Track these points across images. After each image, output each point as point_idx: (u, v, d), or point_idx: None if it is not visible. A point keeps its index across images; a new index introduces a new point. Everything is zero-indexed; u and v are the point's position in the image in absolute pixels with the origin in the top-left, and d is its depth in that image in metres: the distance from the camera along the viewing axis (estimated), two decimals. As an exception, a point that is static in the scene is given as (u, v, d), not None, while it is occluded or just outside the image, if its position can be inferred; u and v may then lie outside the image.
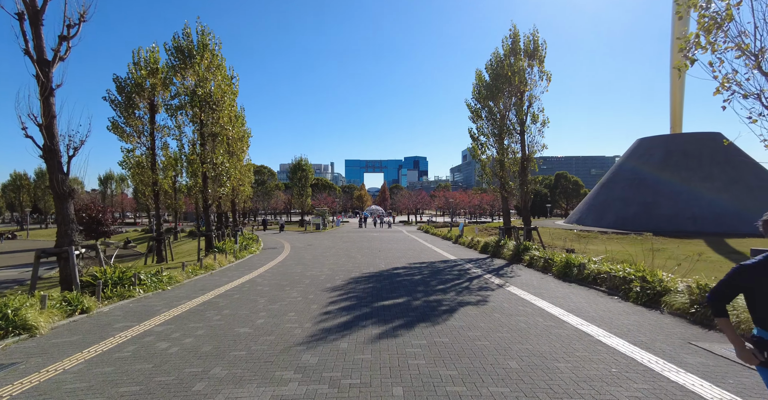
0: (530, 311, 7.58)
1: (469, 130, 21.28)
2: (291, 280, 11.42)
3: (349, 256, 17.76)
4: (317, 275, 12.33)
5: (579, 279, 10.88)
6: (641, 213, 26.21)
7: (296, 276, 12.14)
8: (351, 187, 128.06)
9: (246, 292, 9.65)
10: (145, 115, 17.89)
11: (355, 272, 12.91)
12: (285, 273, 12.83)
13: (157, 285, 9.84)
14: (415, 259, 16.61)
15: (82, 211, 35.24)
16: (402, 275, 12.10)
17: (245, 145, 27.37)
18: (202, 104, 16.99)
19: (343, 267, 14.03)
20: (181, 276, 11.41)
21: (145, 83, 17.24)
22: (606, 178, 31.66)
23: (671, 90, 30.67)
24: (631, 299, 8.31)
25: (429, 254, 18.46)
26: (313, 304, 8.20)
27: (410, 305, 8.01)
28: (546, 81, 17.47)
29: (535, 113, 17.36)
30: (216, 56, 17.65)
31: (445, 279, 11.39)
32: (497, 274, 12.53)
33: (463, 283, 10.78)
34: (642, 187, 27.66)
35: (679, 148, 28.15)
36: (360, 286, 10.28)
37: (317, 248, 22.36)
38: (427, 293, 9.24)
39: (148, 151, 17.81)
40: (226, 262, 15.51)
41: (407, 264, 14.82)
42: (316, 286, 10.34)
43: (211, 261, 14.19)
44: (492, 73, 19.08)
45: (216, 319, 7.08)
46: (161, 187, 18.57)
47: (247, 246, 20.08)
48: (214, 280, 11.70)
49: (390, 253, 18.98)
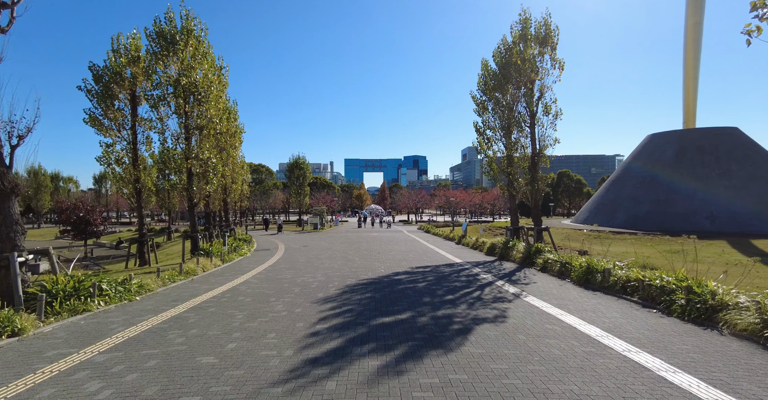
0: (560, 330, 6.29)
1: (475, 124, 19.96)
2: (279, 288, 10.12)
3: (346, 259, 16.47)
4: (309, 282, 11.03)
5: (604, 287, 9.60)
6: (654, 212, 24.91)
7: (285, 283, 10.84)
8: (350, 186, 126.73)
9: (224, 304, 8.35)
10: (126, 108, 16.56)
11: (351, 278, 11.62)
12: (273, 279, 11.53)
13: (123, 296, 8.54)
14: (418, 262, 15.32)
15: (70, 210, 33.97)
16: (404, 282, 10.80)
17: (237, 141, 26.11)
18: (186, 95, 15.67)
19: (338, 272, 12.74)
20: (154, 284, 10.10)
21: (125, 72, 15.91)
22: (615, 176, 30.34)
23: (684, 84, 29.34)
24: (676, 314, 7.01)
25: (432, 257, 17.17)
26: (300, 321, 6.90)
27: (416, 323, 6.71)
28: (559, 70, 16.16)
29: (548, 104, 16.06)
30: (202, 43, 16.32)
31: (452, 287, 10.09)
32: (510, 280, 11.24)
33: (474, 291, 9.49)
34: (654, 185, 26.35)
35: (693, 143, 26.83)
36: (356, 296, 8.98)
37: (312, 249, 21.06)
38: (435, 306, 7.95)
39: (129, 146, 16.48)
40: (211, 266, 14.20)
41: (409, 269, 13.53)
42: (306, 296, 9.04)
43: (193, 266, 12.88)
44: (500, 61, 17.77)
45: (178, 342, 5.78)
46: (144, 185, 17.25)
47: (237, 248, 18.77)
48: (192, 288, 10.39)
49: (390, 255, 17.69)
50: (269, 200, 74.84)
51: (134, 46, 16.19)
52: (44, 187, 65.87)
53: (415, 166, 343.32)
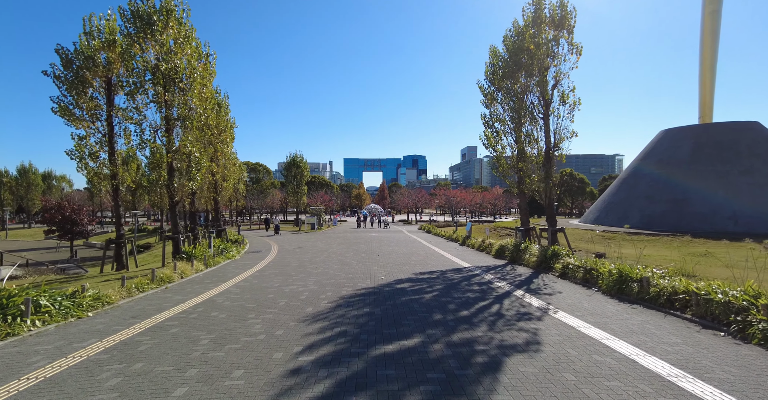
0: (616, 365, 4.83)
1: (482, 116, 18.52)
2: (261, 300, 8.65)
3: (342, 262, 15.00)
4: (298, 291, 9.55)
5: (643, 299, 8.15)
6: (671, 212, 23.46)
7: (271, 293, 9.36)
8: (349, 185, 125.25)
9: (191, 322, 6.87)
10: (101, 97, 15.05)
11: (347, 286, 10.14)
12: (258, 288, 10.06)
13: (70, 312, 7.05)
14: (422, 266, 13.85)
15: (54, 210, 32.44)
16: (408, 293, 9.33)
17: (228, 136, 24.60)
18: (166, 82, 14.17)
19: (333, 279, 11.26)
20: (117, 294, 8.62)
21: (98, 57, 14.39)
22: (626, 174, 28.87)
23: (701, 77, 27.89)
24: (756, 341, 5.55)
25: (436, 260, 15.71)
26: (279, 349, 5.43)
27: (427, 354, 5.24)
28: (576, 55, 14.69)
29: (565, 93, 14.58)
30: (183, 26, 14.82)
31: (465, 299, 8.62)
32: (529, 289, 9.78)
33: (492, 305, 8.02)
34: (669, 183, 24.88)
35: (711, 139, 25.35)
36: (352, 312, 7.51)
37: (307, 251, 19.58)
38: (448, 327, 6.48)
39: (104, 138, 14.96)
40: (192, 271, 12.72)
41: (413, 275, 12.06)
42: (292, 312, 7.57)
43: (170, 272, 11.39)
44: (510, 47, 16.30)
45: (108, 387, 4.30)
46: (122, 181, 15.74)
47: (224, 250, 17.29)
48: (161, 299, 8.91)
49: (391, 258, 16.22)
50: (267, 199, 73.42)
51: (109, 28, 14.67)
52: (35, 186, 64.19)
53: (415, 166, 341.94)
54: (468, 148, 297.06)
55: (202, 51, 16.78)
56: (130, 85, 13.79)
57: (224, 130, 24.55)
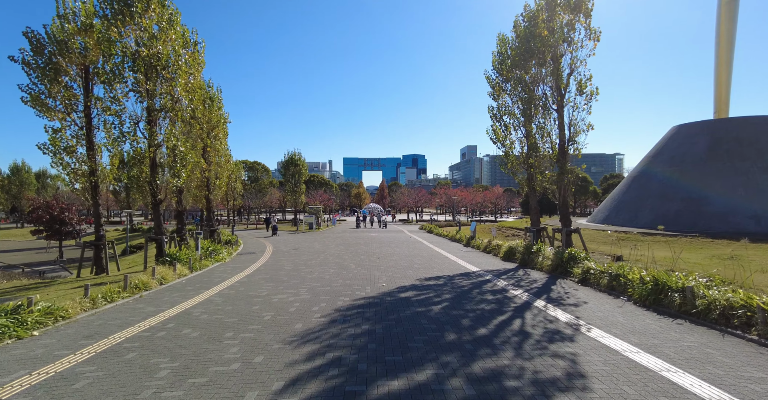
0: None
1: (489, 109, 17.37)
2: (244, 313, 7.48)
3: (340, 266, 13.83)
4: (288, 302, 8.38)
5: (687, 313, 6.99)
6: (686, 211, 22.29)
7: (256, 304, 8.19)
8: (349, 185, 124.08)
9: (155, 343, 5.70)
10: (79, 88, 13.86)
11: (344, 295, 8.97)
12: (243, 298, 8.88)
13: (8, 332, 5.87)
14: (426, 270, 12.69)
15: (42, 209, 31.26)
16: (414, 304, 8.16)
17: (221, 132, 23.43)
18: (147, 69, 12.98)
19: (328, 286, 10.10)
20: (77, 307, 7.44)
21: (74, 42, 13.20)
22: (637, 172, 27.67)
23: (716, 69, 26.69)
24: None
25: (441, 263, 14.55)
26: (254, 386, 4.26)
27: (444, 395, 4.06)
28: (594, 41, 13.51)
29: (582, 81, 13.40)
30: (167, 9, 13.62)
31: (480, 312, 7.46)
32: (550, 299, 8.62)
33: (513, 321, 6.86)
34: (685, 181, 23.69)
35: (729, 134, 24.17)
36: (349, 330, 6.33)
37: (303, 253, 18.42)
38: (465, 352, 5.31)
39: (81, 131, 13.77)
40: (174, 277, 11.55)
41: (417, 280, 10.89)
42: (278, 329, 6.40)
43: (147, 278, 10.21)
44: (522, 33, 15.11)
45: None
46: (103, 178, 14.56)
47: (213, 252, 16.12)
48: (131, 311, 7.74)
49: (392, 261, 15.05)
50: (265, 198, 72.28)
51: (85, 11, 13.48)
52: (28, 185, 62.91)
53: (414, 165, 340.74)
54: (468, 148, 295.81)
55: (189, 39, 15.60)
56: (107, 72, 12.58)
57: (216, 126, 23.39)
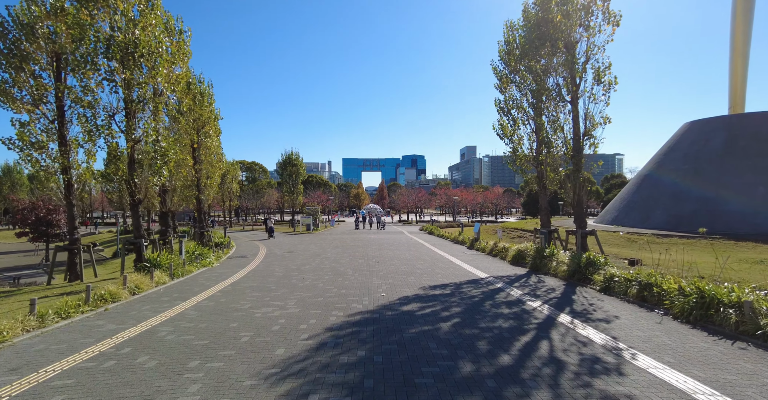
0: None
1: (496, 102, 16.24)
2: (219, 332, 6.32)
3: (336, 272, 12.68)
4: (272, 318, 7.22)
5: (748, 334, 5.85)
6: (702, 211, 21.16)
7: (235, 321, 7.03)
8: (348, 185, 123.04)
9: (95, 379, 4.54)
10: (50, 77, 12.69)
11: (338, 309, 7.81)
12: (222, 311, 7.73)
13: None
14: (430, 277, 11.55)
15: (27, 210, 30.02)
16: (418, 320, 7.00)
17: (211, 129, 22.27)
18: (124, 57, 11.82)
19: (321, 296, 8.94)
20: (18, 326, 6.27)
21: (42, 27, 12.03)
22: (648, 170, 26.52)
23: (731, 64, 25.57)
24: None
25: (445, 268, 13.40)
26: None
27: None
28: (612, 26, 12.38)
29: (600, 69, 12.26)
30: (146, -10, 12.46)
31: (498, 331, 6.31)
32: (574, 312, 7.49)
33: (539, 343, 5.71)
34: (699, 180, 22.56)
35: (746, 130, 23.04)
36: (341, 358, 5.18)
37: (298, 256, 17.27)
38: (489, 392, 4.15)
39: (51, 125, 12.60)
40: (151, 285, 10.39)
41: (421, 289, 9.73)
42: (255, 356, 5.24)
43: (116, 288, 9.04)
44: (533, 18, 13.99)
45: None
46: (80, 176, 13.38)
47: (200, 256, 14.95)
48: (86, 330, 6.58)
49: (392, 266, 13.90)
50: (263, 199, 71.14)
51: (56, -7, 12.31)
52: (20, 186, 61.59)
53: (414, 166, 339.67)
54: (467, 148, 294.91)
55: (173, 26, 14.45)
56: (77, 59, 11.42)
57: (207, 122, 22.24)
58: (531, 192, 69.55)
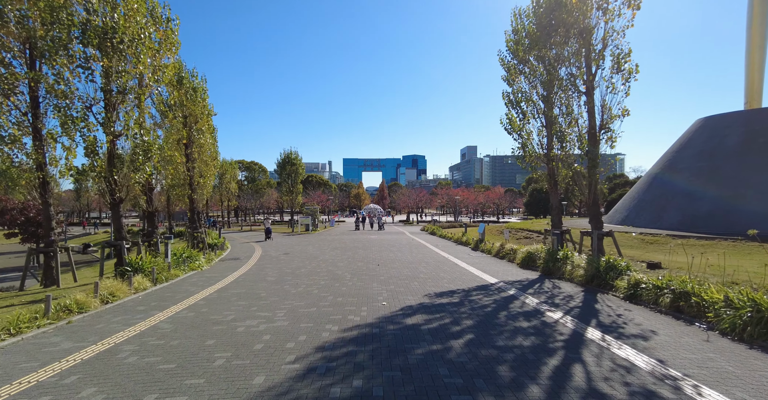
0: None
1: (504, 95, 15.25)
2: (190, 353, 5.34)
3: (332, 276, 11.71)
4: (256, 333, 6.24)
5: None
6: (719, 211, 20.15)
7: (213, 336, 6.05)
8: (348, 185, 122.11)
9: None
10: (23, 66, 11.73)
11: (332, 322, 6.83)
12: (199, 324, 6.75)
13: None
14: (435, 282, 10.56)
15: (17, 211, 29.09)
16: (425, 337, 6.01)
17: (204, 125, 21.33)
18: (102, 43, 10.86)
19: (315, 306, 7.96)
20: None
21: (11, 11, 11.06)
22: (659, 169, 25.50)
23: (747, 57, 24.58)
24: None
25: (451, 271, 12.42)
26: None
27: None
28: (633, 9, 11.39)
29: (620, 56, 11.26)
30: (126, -30, 11.50)
31: (521, 352, 5.32)
32: (602, 326, 6.50)
33: (573, 369, 4.72)
34: (715, 178, 21.52)
35: (767, 126, 22.04)
36: (333, 390, 4.19)
37: (294, 258, 16.29)
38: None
39: (24, 117, 11.64)
40: (129, 291, 9.42)
41: (426, 297, 8.75)
42: (227, 388, 4.26)
43: (84, 296, 8.06)
44: (544, 3, 13.01)
45: None
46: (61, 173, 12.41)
47: (188, 259, 13.99)
48: (34, 350, 5.61)
49: (394, 269, 12.91)
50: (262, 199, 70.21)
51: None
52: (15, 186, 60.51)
53: (414, 166, 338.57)
54: (468, 148, 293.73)
55: (160, 14, 13.52)
56: (49, 44, 10.46)
57: (200, 119, 21.32)
58: (534, 192, 68.45)
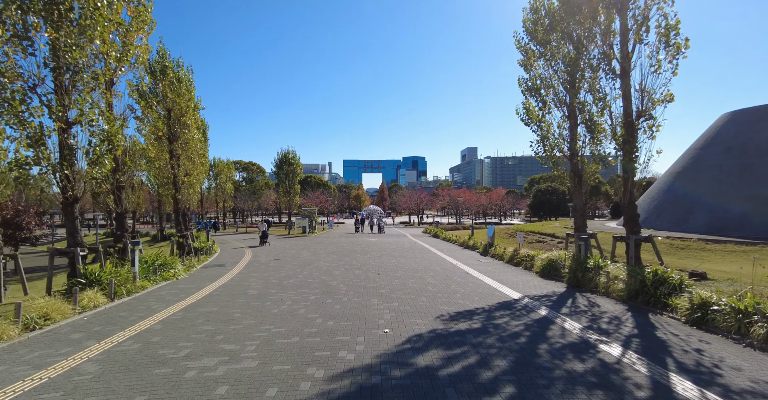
0: None
1: (520, 82, 13.54)
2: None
3: (325, 288, 9.93)
4: (208, 383, 4.44)
5: None
6: (756, 212, 18.33)
7: (145, 390, 4.27)
8: (348, 186, 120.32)
9: None
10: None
11: (316, 362, 5.04)
12: (139, 365, 4.96)
13: None
14: (447, 297, 8.78)
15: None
16: (446, 391, 4.22)
17: (190, 119, 19.59)
18: (47, 10, 9.11)
19: (297, 335, 6.17)
20: None
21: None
22: (682, 167, 23.68)
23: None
24: None
25: (463, 282, 10.63)
26: None
27: None
28: (678, -26, 9.64)
29: (668, 28, 9.46)
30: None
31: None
32: (684, 369, 4.75)
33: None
34: (748, 177, 19.75)
35: (803, 119, 20.31)
36: None
37: (285, 265, 14.52)
38: None
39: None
40: (73, 311, 7.64)
41: (440, 321, 6.96)
42: None
43: (6, 324, 6.27)
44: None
45: None
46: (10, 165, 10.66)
47: (160, 267, 12.20)
48: None
49: (396, 279, 11.14)
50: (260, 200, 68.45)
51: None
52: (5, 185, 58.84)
53: (414, 167, 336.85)
54: (468, 149, 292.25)
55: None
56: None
57: (186, 112, 19.60)
58: (538, 193, 66.76)
